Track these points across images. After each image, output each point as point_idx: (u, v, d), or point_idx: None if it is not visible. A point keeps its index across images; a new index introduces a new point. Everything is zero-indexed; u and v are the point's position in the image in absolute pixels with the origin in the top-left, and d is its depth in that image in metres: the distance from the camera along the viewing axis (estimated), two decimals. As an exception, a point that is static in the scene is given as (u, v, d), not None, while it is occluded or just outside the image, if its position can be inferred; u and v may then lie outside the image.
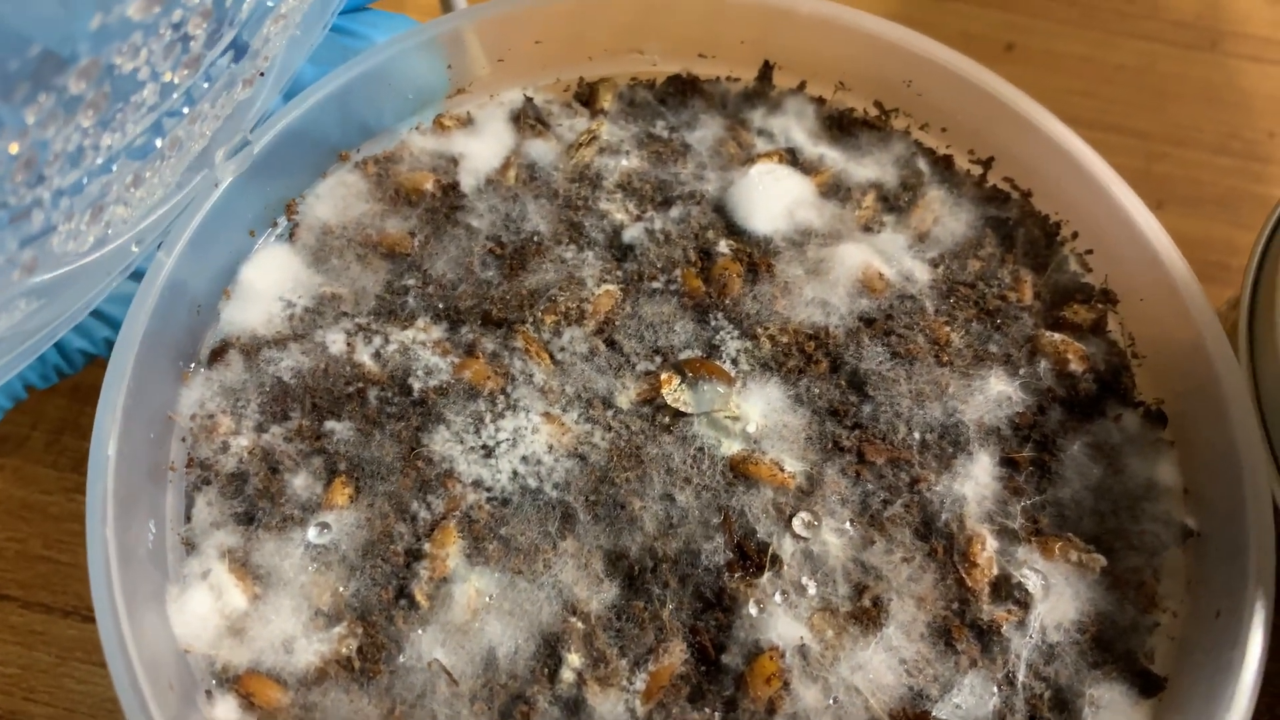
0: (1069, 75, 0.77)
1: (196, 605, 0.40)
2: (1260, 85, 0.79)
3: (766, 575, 0.40)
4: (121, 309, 0.45)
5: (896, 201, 0.50)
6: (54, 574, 0.53)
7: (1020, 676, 0.40)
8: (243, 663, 0.39)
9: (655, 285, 0.47)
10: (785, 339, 0.45)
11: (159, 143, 0.38)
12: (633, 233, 0.48)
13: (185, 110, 0.38)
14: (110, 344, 0.47)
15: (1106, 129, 0.74)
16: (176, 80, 0.37)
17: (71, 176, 0.33)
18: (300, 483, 0.42)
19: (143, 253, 0.40)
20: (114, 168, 0.36)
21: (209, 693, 0.38)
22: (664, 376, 0.44)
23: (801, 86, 0.53)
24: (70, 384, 0.58)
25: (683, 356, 0.45)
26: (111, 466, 0.39)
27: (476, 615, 0.40)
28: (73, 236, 0.34)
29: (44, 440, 0.57)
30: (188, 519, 0.42)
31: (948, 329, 0.46)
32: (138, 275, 0.43)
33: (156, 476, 0.42)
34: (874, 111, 0.53)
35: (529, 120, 0.52)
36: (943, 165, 0.52)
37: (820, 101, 0.53)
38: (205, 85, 0.39)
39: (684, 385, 0.44)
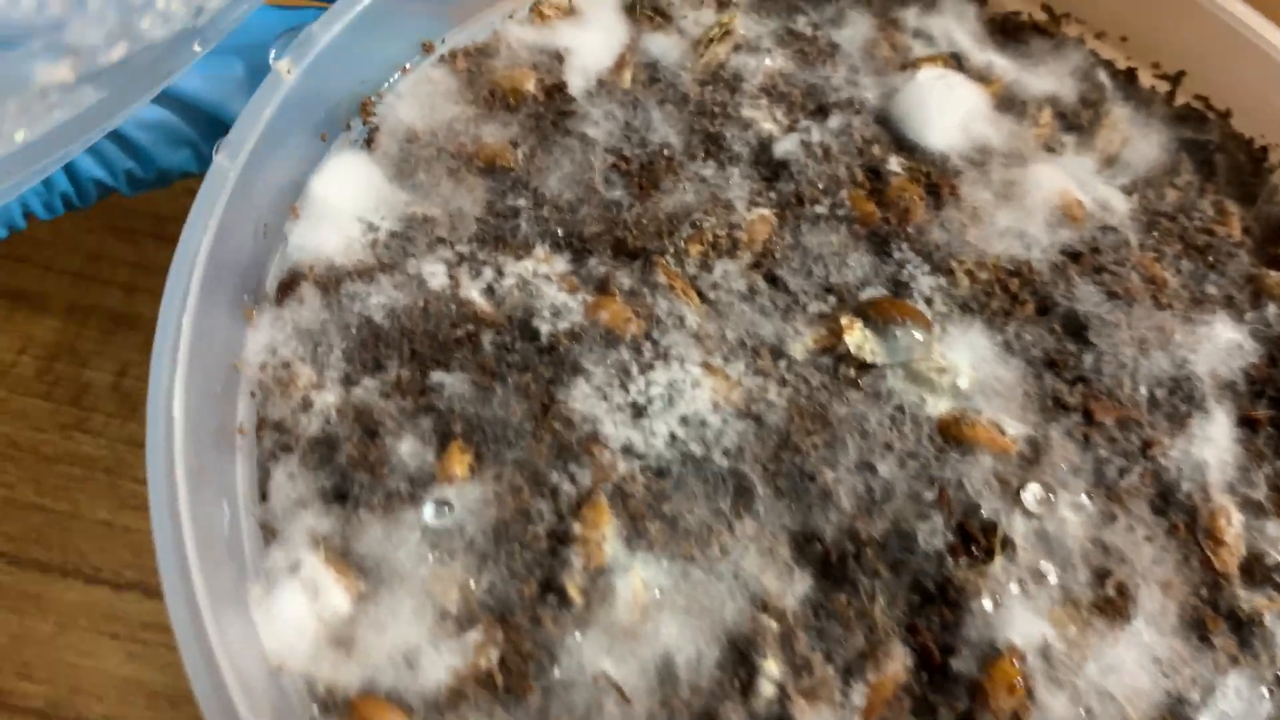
0: None
1: (287, 609, 0.31)
2: None
3: (998, 561, 0.33)
4: (151, 139, 0.36)
5: (1076, 119, 0.43)
6: (49, 526, 0.44)
7: (1291, 677, 0.33)
8: (354, 682, 0.30)
9: (819, 209, 0.39)
10: (985, 275, 0.38)
11: None
12: (785, 146, 0.40)
13: None
14: (132, 178, 0.38)
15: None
16: None
17: None
18: (406, 449, 0.33)
19: (187, 59, 0.31)
20: None
21: (314, 722, 0.30)
22: (844, 320, 0.36)
23: (958, -18, 0.45)
24: (64, 302, 0.48)
25: (864, 296, 0.37)
26: (179, 431, 0.29)
27: (646, 614, 0.32)
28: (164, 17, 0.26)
29: (34, 367, 0.47)
30: (263, 497, 0.33)
31: (1158, 266, 0.39)
32: (168, 96, 0.34)
33: (223, 444, 0.33)
34: (1042, 16, 0.45)
35: (645, 10, 0.43)
36: (1125, 79, 0.44)
37: (980, 1, 0.45)
38: None
39: (869, 330, 0.36)
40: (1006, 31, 0.45)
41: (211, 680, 0.28)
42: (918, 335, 0.36)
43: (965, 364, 0.36)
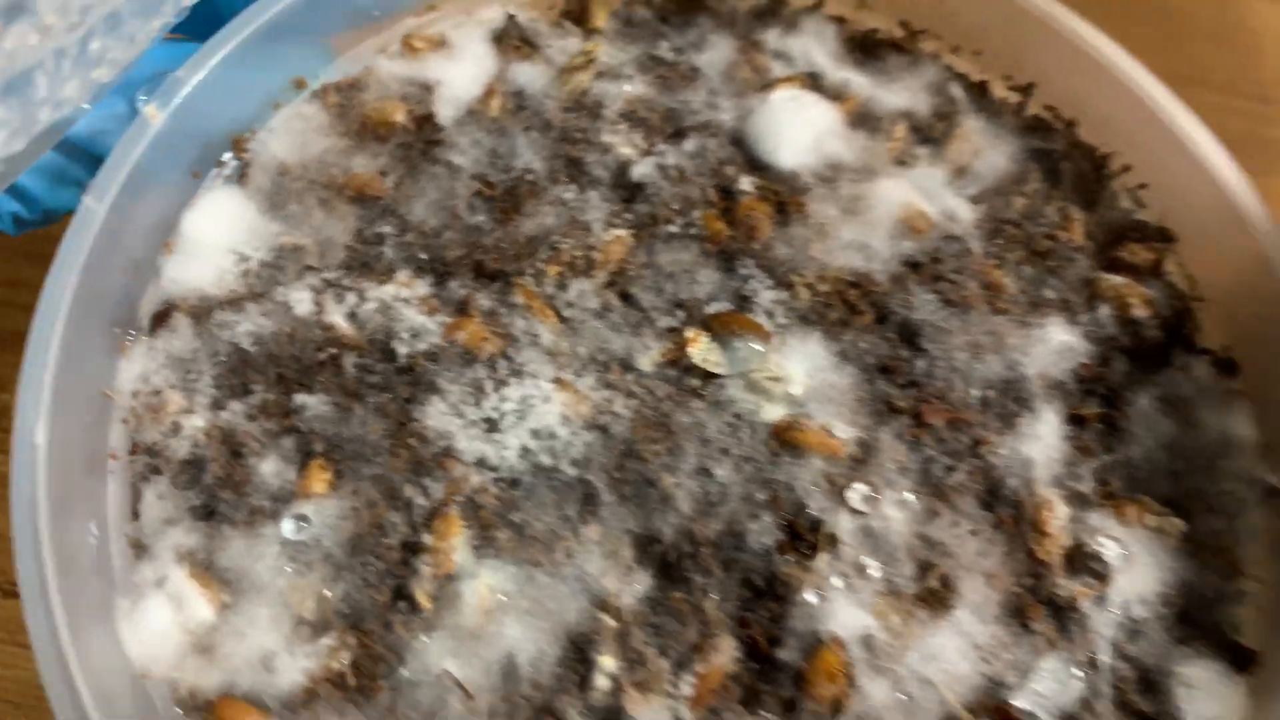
0: (1086, 12, 0.74)
1: (153, 620, 0.33)
2: (1271, 25, 0.76)
3: (823, 557, 0.35)
4: (37, 181, 0.38)
5: (930, 132, 0.45)
6: (-34, 542, 0.47)
7: (1103, 658, 0.36)
8: (214, 686, 0.33)
9: (672, 229, 0.41)
10: (825, 288, 0.40)
11: None
12: (642, 169, 0.42)
13: None
14: (18, 220, 0.40)
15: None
16: None
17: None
18: (269, 468, 0.36)
19: (78, 116, 0.34)
20: None
21: (174, 725, 0.32)
22: (690, 334, 0.38)
23: (819, 4, 0.47)
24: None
25: (710, 310, 0.39)
26: (42, 458, 0.32)
27: (491, 617, 0.34)
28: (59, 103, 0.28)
29: (-52, 392, 0.49)
30: (135, 516, 0.35)
31: (999, 273, 0.41)
32: (65, 145, 0.36)
33: (94, 468, 0.35)
34: (900, 33, 0.47)
35: (513, 41, 0.45)
36: (978, 92, 0.46)
37: (840, 21, 0.47)
38: None
39: (714, 343, 0.38)
40: (865, 49, 0.47)
41: (68, 691, 0.30)
42: (756, 347, 0.38)
43: (801, 372, 0.38)
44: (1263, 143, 0.70)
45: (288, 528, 0.35)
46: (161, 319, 0.38)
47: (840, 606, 0.35)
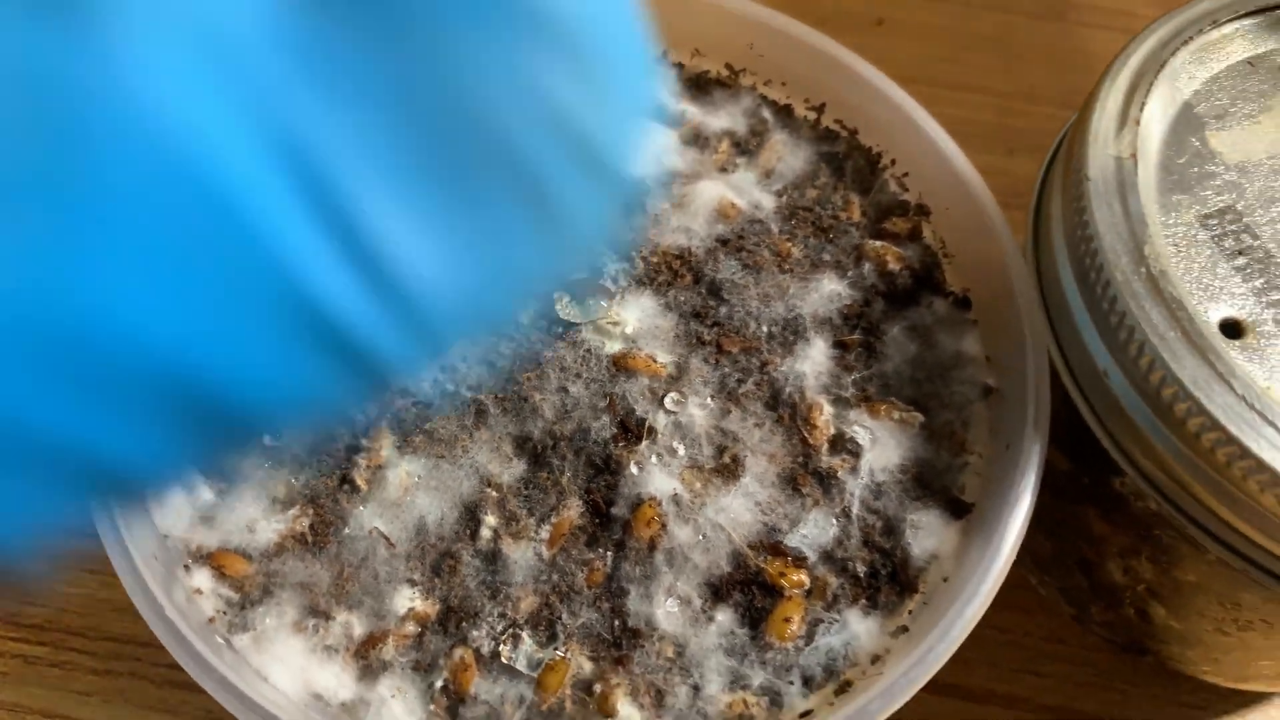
0: (934, 44, 0.87)
1: (171, 501, 0.48)
2: (1102, 49, 0.89)
3: (644, 443, 0.49)
4: None
5: (747, 146, 0.60)
6: (40, 502, 0.61)
7: (855, 510, 0.49)
8: (213, 543, 0.47)
9: (545, 223, 0.56)
10: (655, 259, 0.54)
11: None
12: (524, 182, 0.57)
13: None
14: None
15: (967, 89, 0.83)
16: None
17: None
18: (253, 400, 0.50)
19: None
20: None
21: (186, 567, 0.46)
22: (556, 295, 0.53)
23: (663, 54, 0.63)
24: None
25: (571, 278, 0.54)
26: (93, 387, 0.47)
27: (408, 492, 0.48)
28: None
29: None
30: (159, 435, 0.50)
31: (789, 244, 0.56)
32: None
33: (130, 401, 0.50)
34: (725, 72, 0.62)
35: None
36: (784, 113, 0.61)
37: (680, 65, 0.62)
38: None
39: (573, 301, 0.53)
40: (698, 86, 0.62)
41: (118, 544, 0.44)
42: (603, 303, 0.53)
43: (633, 319, 0.52)
44: (1084, 146, 0.85)
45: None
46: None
47: (656, 476, 0.48)
